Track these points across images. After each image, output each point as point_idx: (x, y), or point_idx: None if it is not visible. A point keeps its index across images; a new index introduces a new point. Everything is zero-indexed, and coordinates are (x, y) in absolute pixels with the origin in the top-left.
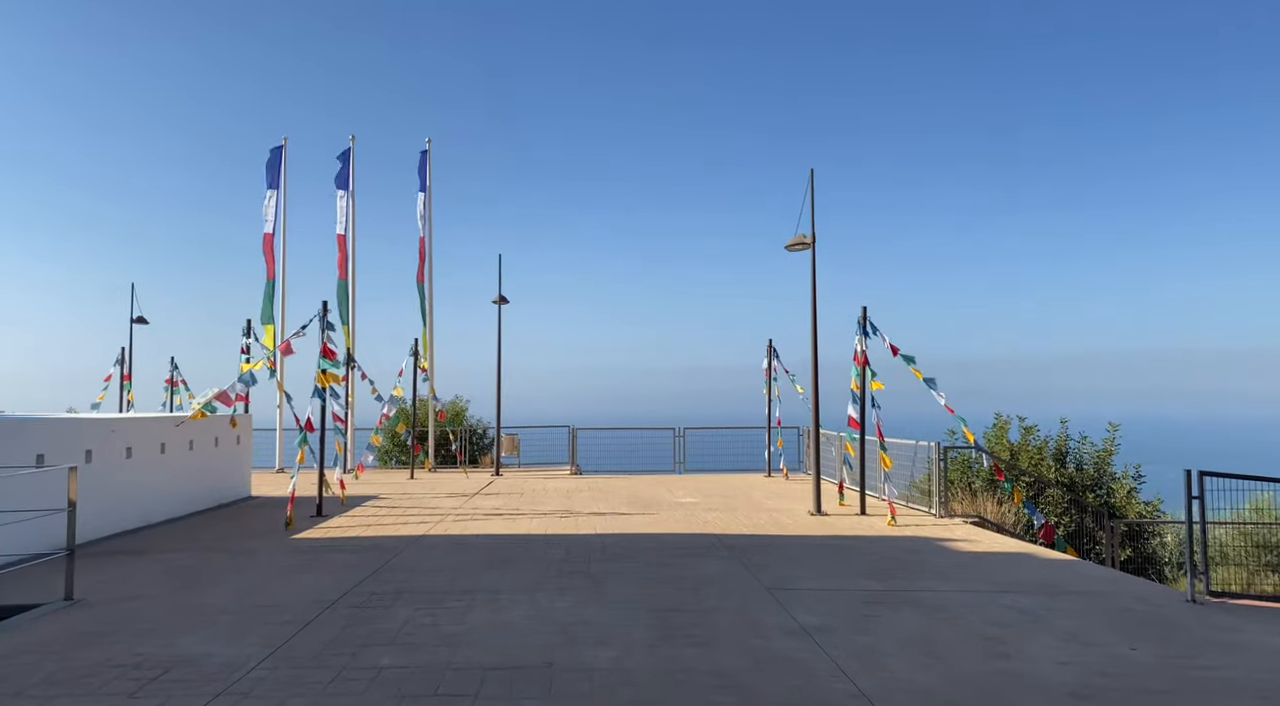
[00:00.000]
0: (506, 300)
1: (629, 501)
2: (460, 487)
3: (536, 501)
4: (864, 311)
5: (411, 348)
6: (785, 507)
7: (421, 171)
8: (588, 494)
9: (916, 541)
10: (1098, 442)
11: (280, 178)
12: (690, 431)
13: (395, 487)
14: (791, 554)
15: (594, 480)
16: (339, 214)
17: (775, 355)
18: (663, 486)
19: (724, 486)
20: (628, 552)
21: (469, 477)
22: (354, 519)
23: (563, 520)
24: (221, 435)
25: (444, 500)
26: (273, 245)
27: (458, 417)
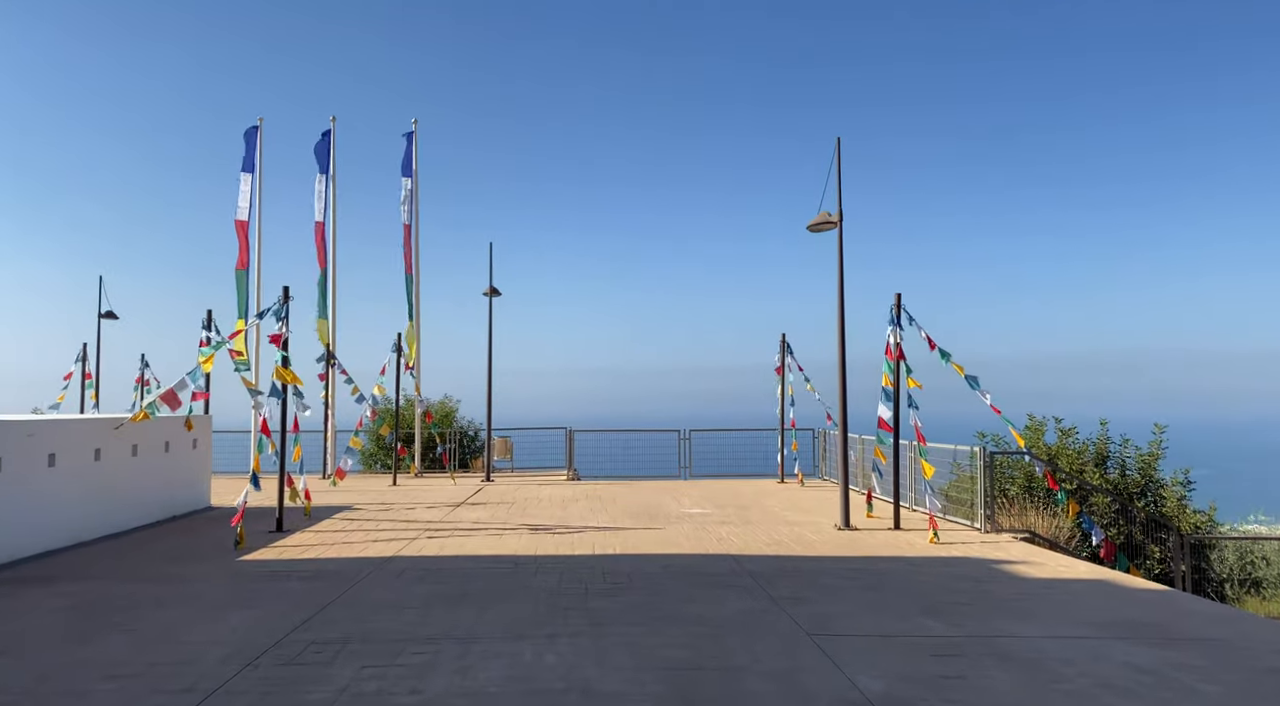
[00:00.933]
0: (498, 292)
1: (632, 512)
2: (445, 496)
3: (528, 513)
4: (898, 299)
5: (395, 343)
6: (807, 520)
7: (407, 154)
8: (585, 503)
9: (969, 564)
10: (1141, 445)
11: (256, 161)
12: (696, 433)
13: (374, 496)
14: (826, 582)
15: (593, 487)
16: (317, 199)
17: (789, 351)
18: (668, 494)
19: (735, 494)
20: (632, 581)
21: (456, 484)
22: (318, 535)
23: (557, 538)
24: (174, 439)
25: (424, 511)
26: (247, 232)
27: (447, 419)
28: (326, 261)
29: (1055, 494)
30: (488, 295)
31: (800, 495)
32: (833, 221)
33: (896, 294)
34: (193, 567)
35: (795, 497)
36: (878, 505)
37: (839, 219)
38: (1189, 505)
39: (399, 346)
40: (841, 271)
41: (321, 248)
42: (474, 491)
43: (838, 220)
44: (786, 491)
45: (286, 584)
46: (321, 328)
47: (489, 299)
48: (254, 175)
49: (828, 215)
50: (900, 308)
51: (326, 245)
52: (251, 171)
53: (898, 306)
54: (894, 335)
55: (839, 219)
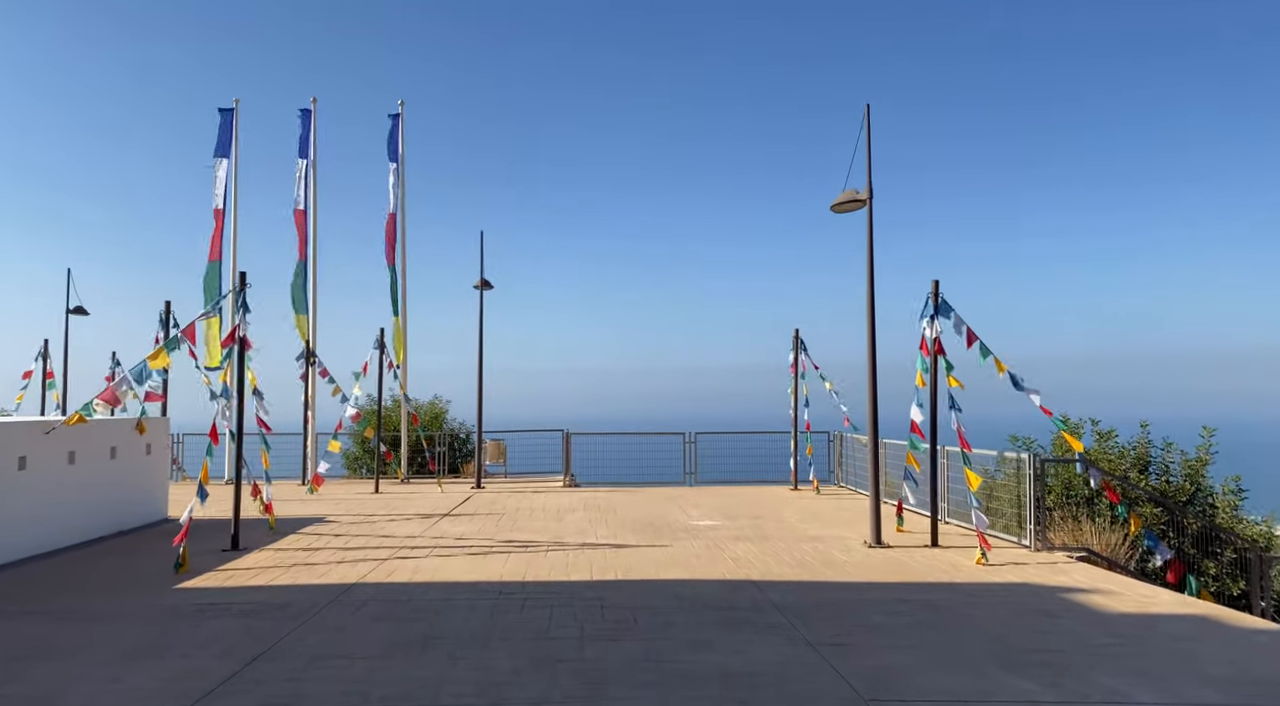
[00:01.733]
0: (489, 285)
1: (634, 525)
2: (430, 505)
3: (519, 525)
4: (935, 287)
5: (377, 339)
6: (831, 535)
7: (393, 139)
8: (583, 514)
9: (1033, 593)
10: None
11: (231, 145)
12: (703, 436)
13: (353, 505)
14: (872, 618)
15: (592, 494)
16: (297, 184)
17: (803, 348)
18: (673, 503)
19: (747, 503)
20: (637, 618)
21: (444, 492)
22: (277, 554)
23: (549, 558)
24: (123, 444)
25: (404, 524)
26: (222, 222)
27: (437, 421)
28: (307, 251)
29: (1116, 507)
30: (478, 288)
31: (818, 505)
32: (861, 199)
33: (934, 281)
34: (117, 599)
35: (812, 507)
36: (909, 518)
37: (868, 196)
38: (1245, 516)
39: (381, 343)
40: (871, 255)
41: (302, 236)
42: (462, 500)
43: (867, 197)
44: (802, 500)
45: (220, 622)
46: (301, 323)
47: (480, 292)
48: (229, 161)
49: (854, 193)
50: (938, 297)
51: (307, 234)
52: (227, 157)
53: (935, 295)
54: (931, 328)
55: (868, 196)
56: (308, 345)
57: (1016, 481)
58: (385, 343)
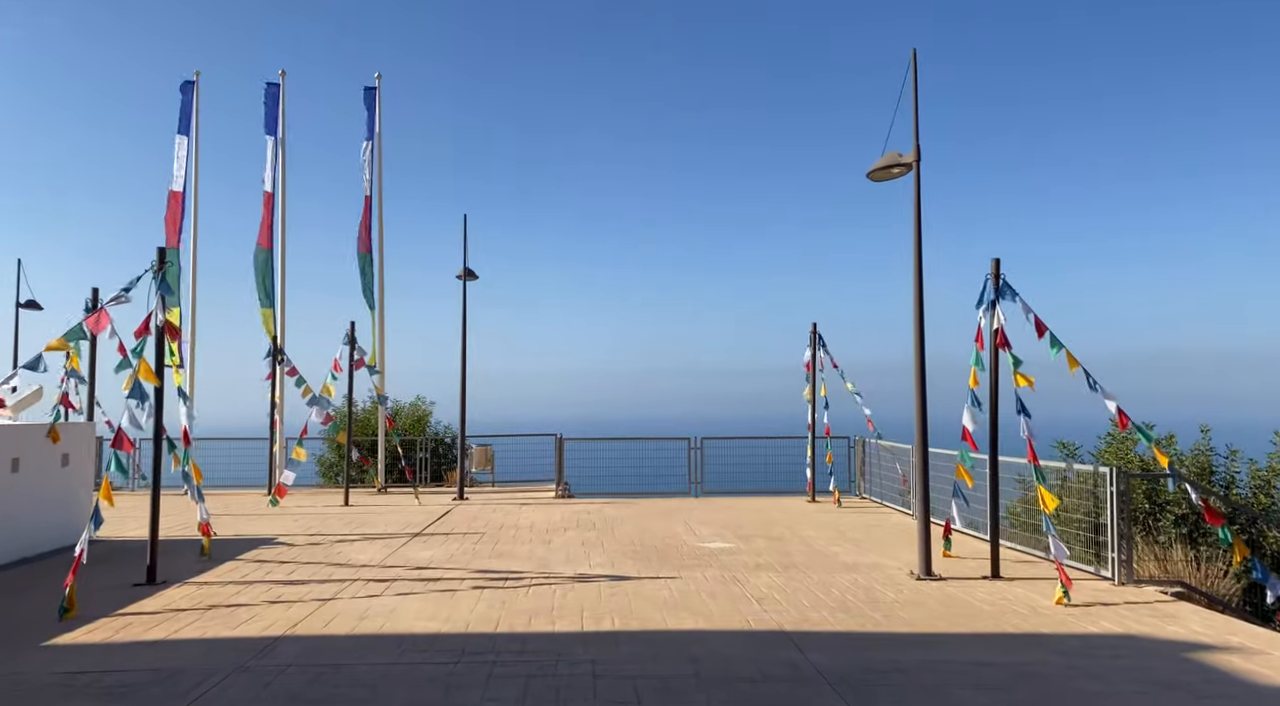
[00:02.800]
0: (474, 275)
1: (635, 548)
2: (402, 521)
3: (499, 549)
4: (995, 267)
5: (346, 333)
6: (868, 561)
7: (370, 112)
8: (576, 534)
9: (1145, 650)
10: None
11: (192, 122)
12: (710, 442)
13: (314, 520)
14: (957, 696)
15: (586, 507)
16: (266, 166)
17: (822, 344)
18: (679, 517)
19: (761, 518)
20: (640, 699)
21: (421, 504)
22: (199, 591)
23: (531, 595)
24: (30, 454)
25: (366, 547)
26: (181, 205)
27: (420, 424)
28: (273, 238)
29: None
30: (461, 278)
31: (842, 520)
32: (906, 163)
33: (994, 261)
34: None
35: (837, 524)
36: (960, 541)
37: (915, 158)
38: None
39: (351, 337)
40: (919, 227)
41: (269, 222)
42: (440, 514)
43: (913, 160)
44: (823, 514)
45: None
46: (266, 318)
47: (463, 282)
48: (190, 138)
49: (897, 155)
50: (999, 278)
51: (275, 219)
52: (187, 134)
53: (996, 277)
54: (992, 316)
55: (915, 158)
56: (274, 342)
57: (1091, 500)
58: (355, 338)
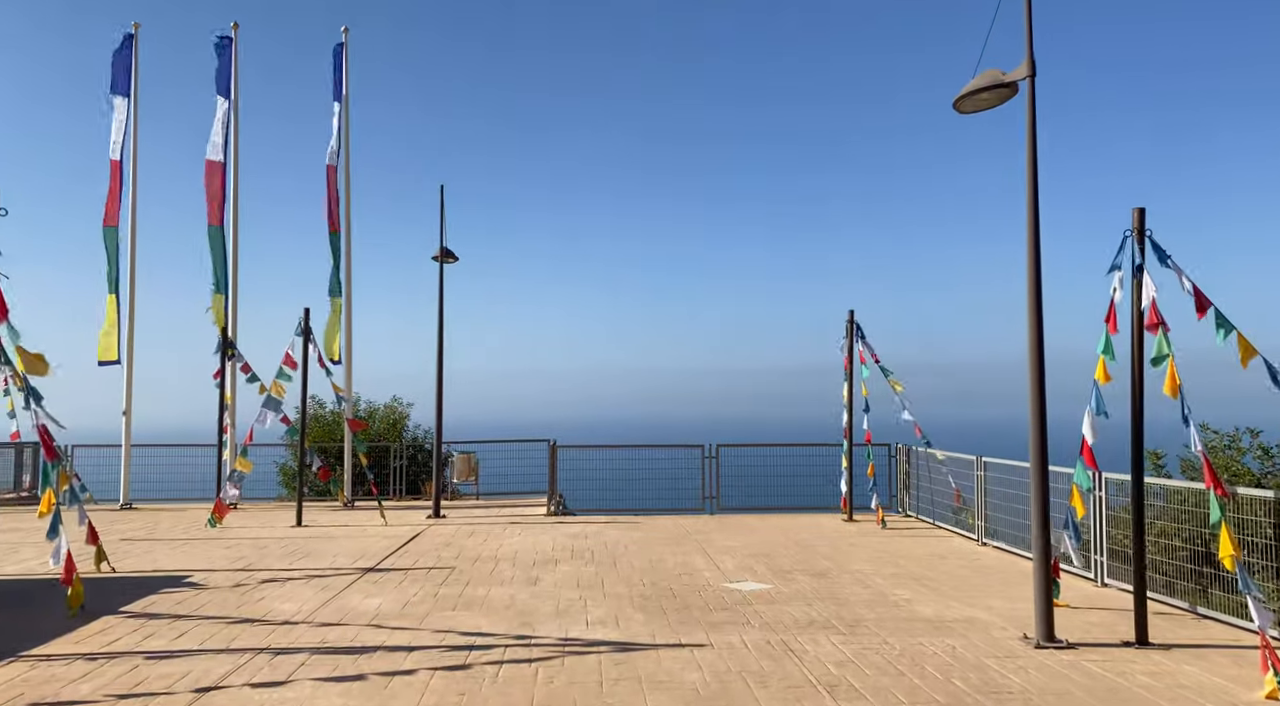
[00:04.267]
0: (453, 256)
1: (644, 589)
2: (357, 548)
3: (470, 593)
4: (1139, 218)
5: (300, 323)
6: (956, 615)
7: (336, 73)
8: (569, 567)
9: None
10: None
11: (131, 81)
12: (727, 450)
13: (248, 550)
14: None
15: (583, 528)
16: (215, 131)
17: (860, 336)
18: (694, 543)
19: (794, 543)
20: None
21: (387, 524)
22: (22, 677)
23: (500, 682)
24: None
25: (298, 588)
26: (120, 177)
27: (394, 428)
28: (224, 215)
29: None
30: (438, 260)
31: (893, 546)
32: (1009, 83)
33: (1136, 210)
34: None
35: (890, 551)
36: (1073, 585)
37: (1029, 72)
38: None
39: (306, 327)
40: (1034, 161)
41: (218, 197)
42: (407, 539)
43: (1025, 75)
44: (867, 538)
45: None
46: (217, 305)
47: (440, 264)
48: (129, 100)
49: (998, 74)
50: (1144, 236)
51: (225, 193)
52: (126, 95)
53: (1140, 234)
54: (1136, 287)
55: (1029, 72)
56: (224, 334)
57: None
58: (310, 327)
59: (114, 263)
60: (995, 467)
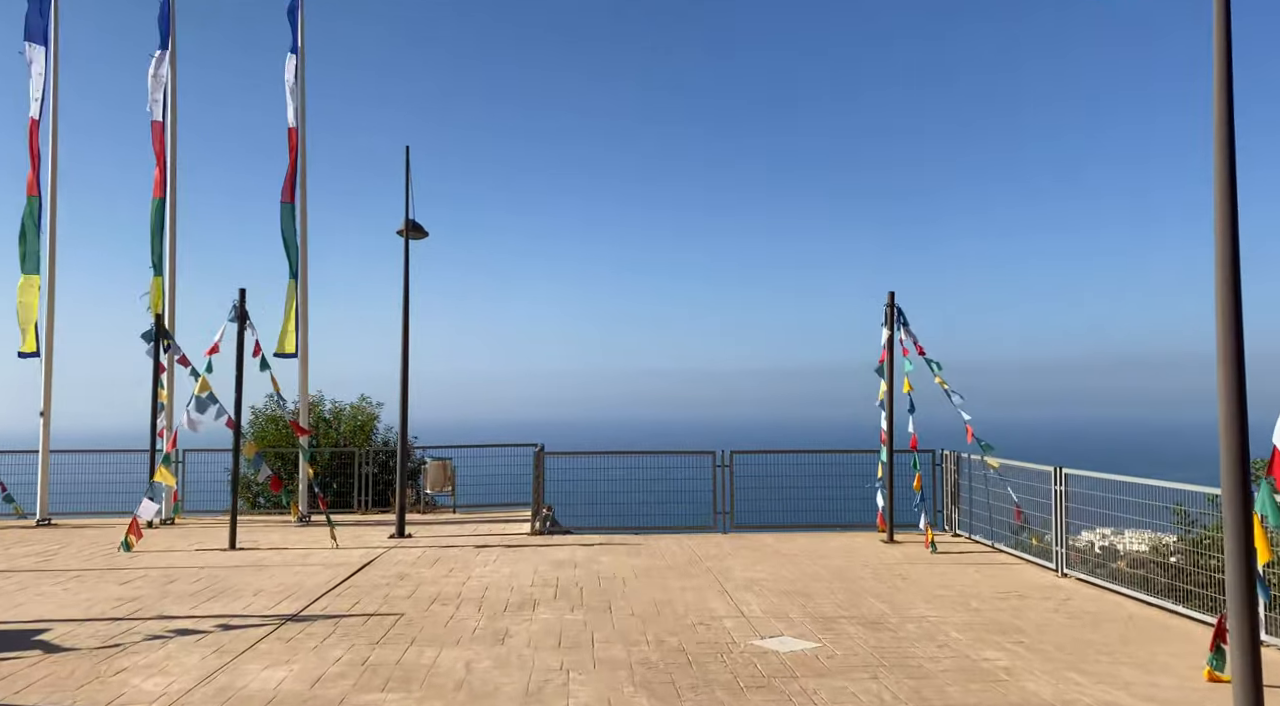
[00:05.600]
0: (421, 230)
1: (646, 649)
2: (287, 583)
3: (413, 659)
4: None
5: (234, 306)
6: (1090, 702)
7: (292, 20)
8: (550, 614)
9: None
10: None
11: (50, 27)
12: (742, 457)
13: (147, 585)
14: None
15: (572, 553)
16: (154, 88)
17: (902, 322)
18: (708, 573)
19: (831, 572)
20: None
21: (338, 546)
22: None
23: None
24: None
25: (179, 649)
26: (37, 138)
27: (362, 431)
28: (165, 184)
29: None
30: (403, 235)
31: (956, 578)
32: None
33: None
34: None
35: (951, 585)
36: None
37: None
38: None
39: (241, 312)
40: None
41: (160, 161)
42: (355, 567)
43: None
44: (916, 565)
45: None
46: (155, 289)
47: (405, 240)
48: (47, 49)
49: None
50: None
51: (166, 157)
52: (44, 43)
53: None
54: None
55: None
56: (159, 320)
57: None
58: (247, 311)
59: (32, 240)
60: (1077, 480)
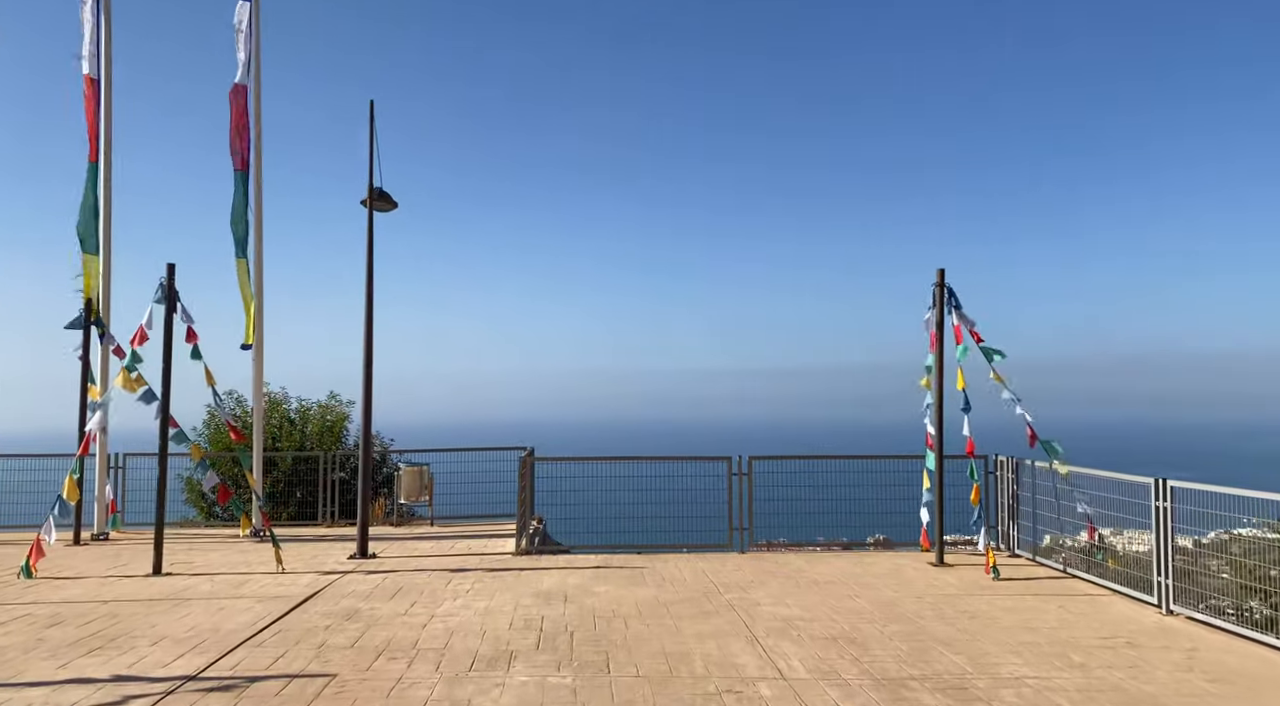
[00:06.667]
0: (388, 201)
1: None
2: (207, 622)
3: None
4: None
5: (160, 288)
6: None
7: None
8: (526, 677)
9: None
10: None
11: None
12: (762, 464)
13: (24, 630)
14: None
15: (562, 580)
16: (85, 41)
17: (953, 304)
18: (729, 609)
19: (880, 609)
20: None
21: (283, 569)
22: None
23: None
24: None
25: None
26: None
27: (331, 432)
28: (99, 148)
29: None
30: (367, 206)
31: (1035, 615)
32: None
33: None
34: None
35: (1037, 627)
36: None
37: None
38: None
39: (170, 291)
40: None
41: (92, 124)
42: (295, 601)
43: None
44: (982, 597)
45: None
46: (90, 269)
47: (369, 210)
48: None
49: None
50: None
51: (98, 118)
52: None
53: None
54: None
55: None
56: (91, 305)
57: None
58: (176, 290)
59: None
60: (1184, 495)
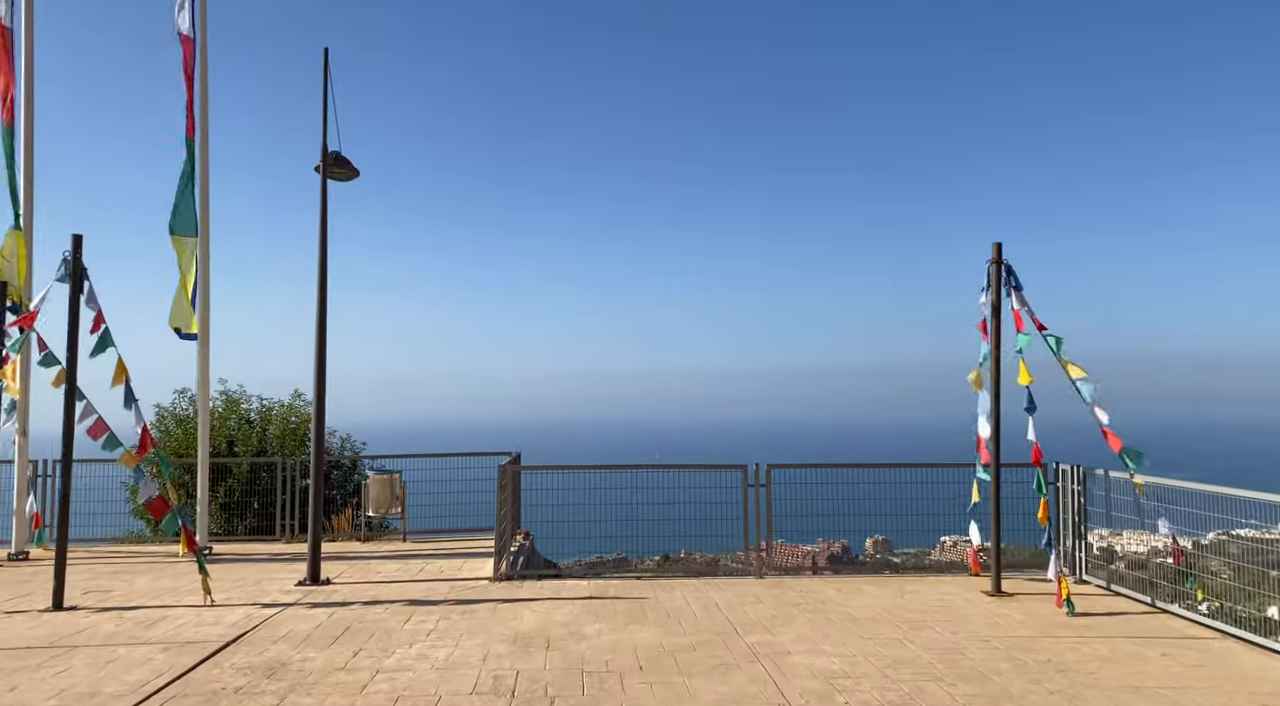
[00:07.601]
0: (349, 168)
1: None
2: (84, 683)
3: None
4: None
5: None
6: None
7: None
8: None
9: None
10: None
11: None
12: (781, 472)
13: None
14: None
15: (546, 620)
16: None
17: (1012, 284)
18: (752, 661)
19: (940, 657)
20: None
21: (211, 602)
22: None
23: None
24: None
25: None
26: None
27: (293, 436)
28: (15, 110)
29: None
30: (320, 172)
31: (1141, 665)
32: None
33: None
34: None
35: (1145, 680)
36: None
37: None
38: None
39: (76, 268)
40: None
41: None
42: (210, 650)
43: None
44: (1063, 641)
45: None
46: (12, 247)
47: (323, 178)
48: None
49: None
50: None
51: (16, 74)
52: None
53: None
54: None
55: None
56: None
57: None
58: (84, 265)
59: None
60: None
